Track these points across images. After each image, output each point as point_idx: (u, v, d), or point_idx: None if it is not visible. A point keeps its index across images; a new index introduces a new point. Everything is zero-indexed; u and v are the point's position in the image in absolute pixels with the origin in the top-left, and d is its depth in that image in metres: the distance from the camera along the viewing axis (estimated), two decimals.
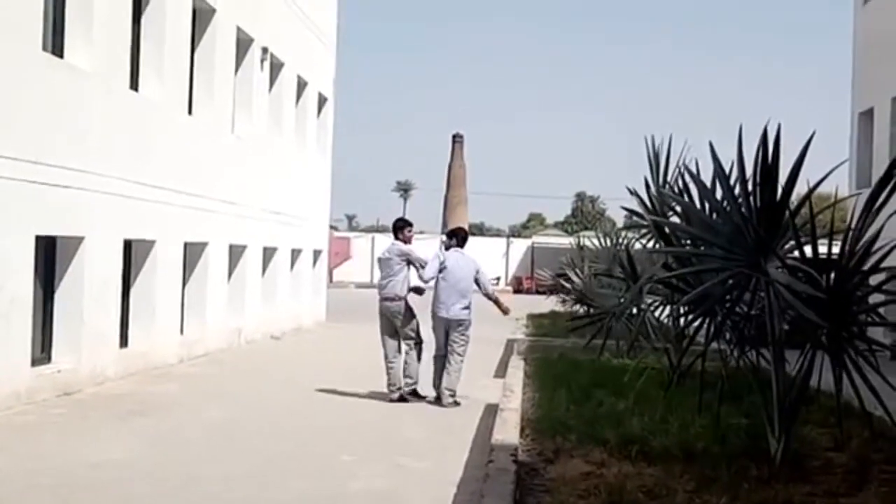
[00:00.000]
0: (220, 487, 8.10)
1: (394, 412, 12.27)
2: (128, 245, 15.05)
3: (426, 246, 60.30)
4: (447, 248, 13.96)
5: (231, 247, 19.44)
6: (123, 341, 15.13)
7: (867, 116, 26.07)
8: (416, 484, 8.45)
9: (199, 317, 17.91)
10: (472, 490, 7.73)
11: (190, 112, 17.60)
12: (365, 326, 26.19)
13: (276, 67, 22.38)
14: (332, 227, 48.58)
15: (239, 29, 19.51)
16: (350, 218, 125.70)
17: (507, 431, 9.14)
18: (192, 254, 17.70)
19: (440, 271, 13.53)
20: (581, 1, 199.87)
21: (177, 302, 16.99)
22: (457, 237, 13.93)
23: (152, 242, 15.63)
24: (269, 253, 22.17)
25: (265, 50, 21.12)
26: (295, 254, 24.57)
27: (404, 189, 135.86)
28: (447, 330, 13.57)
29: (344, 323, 26.48)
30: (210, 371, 15.91)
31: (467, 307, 13.51)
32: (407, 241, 13.86)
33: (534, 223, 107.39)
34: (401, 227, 13.73)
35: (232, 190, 19.28)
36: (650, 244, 12.83)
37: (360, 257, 56.84)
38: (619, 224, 31.86)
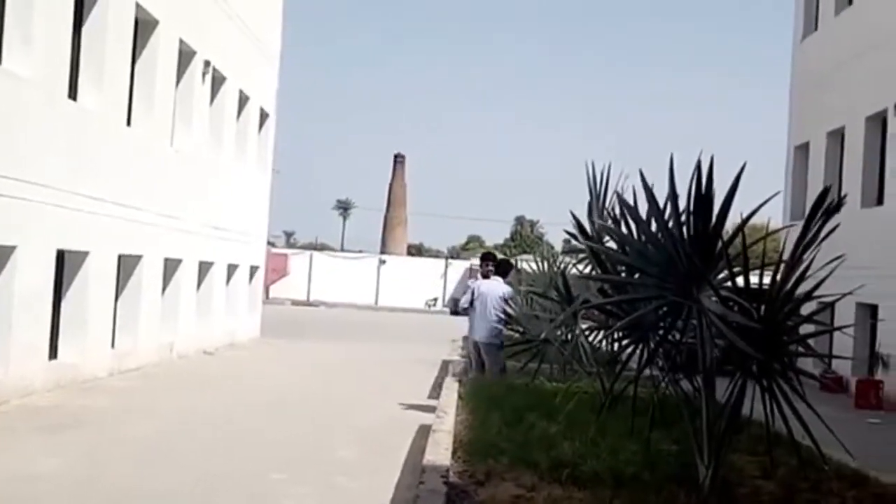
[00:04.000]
0: None
1: (327, 431, 12.20)
2: (60, 256, 14.85)
3: (364, 265, 60.21)
4: (484, 276, 15.73)
5: (166, 260, 19.24)
6: (53, 353, 14.91)
7: (803, 150, 26.56)
8: None
9: (132, 330, 17.70)
10: None
11: (129, 123, 17.44)
12: (300, 343, 26.22)
13: (217, 81, 22.26)
14: (270, 244, 48.26)
15: (181, 41, 19.39)
16: (289, 235, 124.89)
17: (439, 453, 9.12)
18: (127, 266, 17.50)
19: (472, 300, 15.26)
20: (528, 25, 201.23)
21: (109, 314, 16.77)
22: (494, 265, 15.86)
23: (86, 254, 15.43)
24: (204, 267, 21.98)
25: (207, 63, 21.00)
26: (231, 269, 24.40)
27: (344, 207, 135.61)
28: (478, 352, 15.30)
29: (279, 339, 26.34)
30: (141, 385, 15.72)
31: (496, 332, 15.17)
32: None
33: (473, 245, 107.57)
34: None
35: (169, 203, 19.11)
36: (587, 270, 12.89)
37: (297, 274, 56.54)
38: (558, 249, 32.07)
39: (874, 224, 21.39)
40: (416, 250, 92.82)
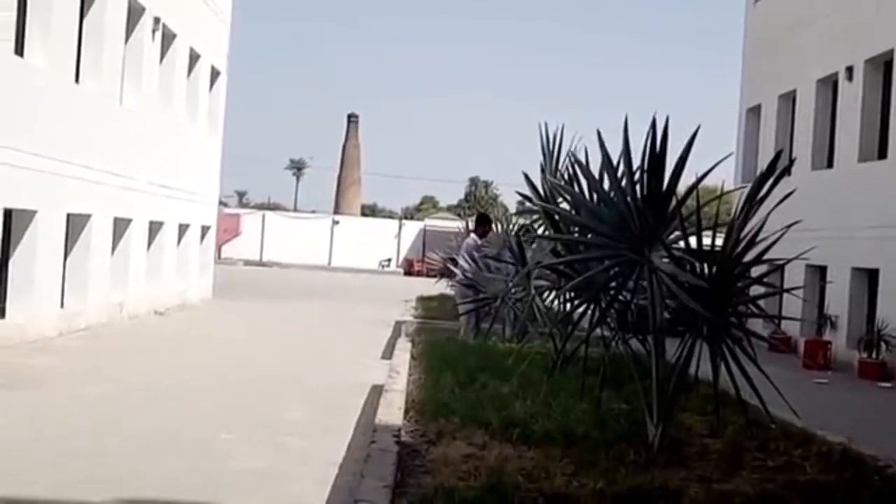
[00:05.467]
0: (93, 465, 7.92)
1: (277, 391, 12.15)
2: (7, 214, 14.61)
3: (317, 225, 60.06)
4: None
5: (116, 219, 19.01)
6: (0, 313, 14.70)
7: (755, 112, 26.74)
8: (297, 464, 8.39)
9: (81, 290, 17.50)
10: (353, 470, 7.71)
11: (77, 80, 17.14)
12: (251, 303, 26.10)
13: (167, 38, 21.91)
14: (222, 204, 47.90)
15: None
16: (241, 194, 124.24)
17: (391, 413, 9.13)
18: (75, 225, 17.26)
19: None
20: None
21: (57, 274, 16.56)
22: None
23: (33, 213, 15.19)
24: (155, 227, 21.74)
25: (157, 20, 20.67)
26: (182, 229, 24.15)
27: (297, 167, 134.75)
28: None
29: (231, 300, 26.20)
30: (90, 345, 15.56)
31: None
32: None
33: (427, 206, 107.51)
34: None
35: (118, 161, 18.85)
36: (541, 230, 12.91)
37: (249, 234, 56.23)
38: (512, 210, 32.04)
39: (824, 187, 21.60)
40: (369, 211, 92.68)
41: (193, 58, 24.28)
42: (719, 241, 8.02)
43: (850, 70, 20.87)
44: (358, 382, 12.84)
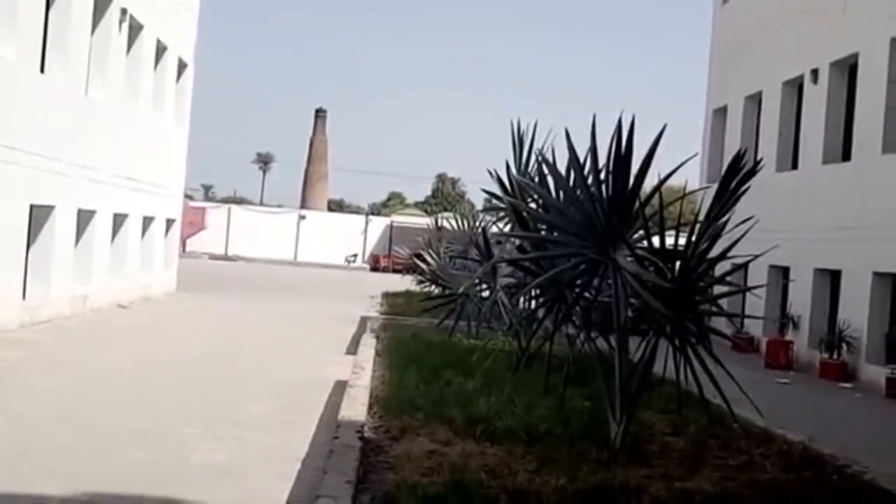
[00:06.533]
0: (55, 460, 7.86)
1: (242, 386, 12.11)
2: None
3: (284, 220, 59.72)
4: None
5: (80, 211, 18.85)
6: None
7: (721, 114, 26.91)
8: (260, 459, 8.38)
9: (44, 282, 17.34)
10: (316, 466, 7.70)
11: (42, 71, 16.99)
12: (216, 298, 25.97)
13: (134, 30, 21.75)
14: (188, 197, 47.60)
15: None
16: (207, 188, 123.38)
17: (355, 408, 9.13)
18: (38, 217, 17.10)
19: None
20: None
21: (20, 265, 16.40)
22: None
23: None
24: (119, 219, 21.58)
25: (124, 11, 20.51)
26: (147, 221, 23.98)
27: (264, 161, 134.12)
28: None
29: (195, 294, 26.06)
30: (52, 338, 15.43)
31: None
32: None
33: (394, 202, 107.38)
34: None
35: (83, 153, 18.70)
36: (507, 228, 12.94)
37: (215, 228, 55.90)
38: (479, 207, 32.11)
39: (789, 188, 21.78)
40: (336, 206, 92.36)
41: (160, 50, 24.11)
42: (684, 241, 8.07)
43: (815, 73, 21.06)
44: (322, 378, 12.82)
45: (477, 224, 17.12)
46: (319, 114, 78.70)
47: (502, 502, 6.14)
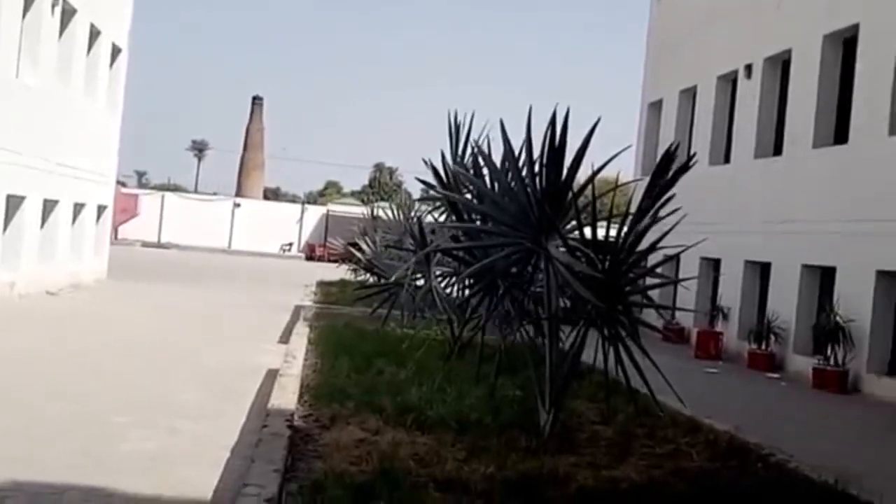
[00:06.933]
0: None
1: (173, 375, 12.00)
2: None
3: (218, 208, 59.18)
4: None
5: (8, 197, 18.52)
6: None
7: (656, 107, 27.16)
8: (190, 447, 8.31)
9: None
10: (246, 455, 7.65)
11: None
12: (148, 286, 25.69)
13: (67, 14, 21.38)
14: (120, 183, 46.99)
15: None
16: (140, 175, 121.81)
17: (285, 397, 9.08)
18: None
19: None
20: None
21: None
22: None
23: None
24: (49, 206, 21.23)
25: None
26: (77, 208, 23.62)
27: (199, 148, 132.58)
28: None
29: (126, 281, 25.75)
30: None
31: None
32: None
33: (331, 191, 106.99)
34: None
35: (13, 137, 18.36)
36: (443, 218, 12.95)
37: (148, 215, 55.25)
38: (417, 197, 32.10)
39: (721, 182, 22.06)
40: (272, 194, 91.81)
41: (94, 34, 23.73)
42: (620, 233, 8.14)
43: (749, 68, 21.33)
44: (254, 366, 12.74)
45: (413, 214, 17.11)
46: (256, 101, 78.12)
47: (430, 490, 6.15)
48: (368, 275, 19.27)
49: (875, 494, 6.75)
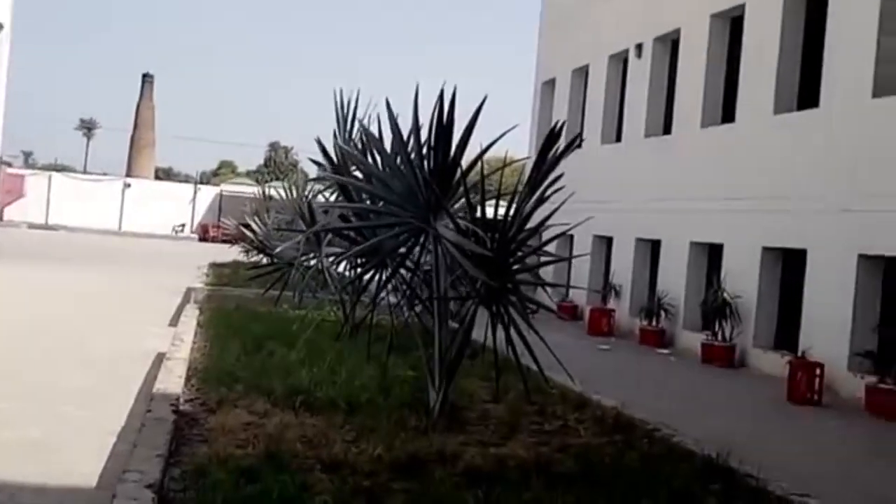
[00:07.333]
0: None
1: (59, 360, 11.71)
2: None
3: (108, 188, 58.05)
4: None
5: None
6: None
7: (549, 86, 27.35)
8: (74, 434, 8.13)
9: None
10: (132, 440, 7.50)
11: None
12: (34, 268, 25.03)
13: None
14: (6, 164, 45.73)
15: None
16: (27, 155, 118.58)
17: (171, 381, 8.92)
18: None
19: None
20: None
21: None
22: None
23: None
24: None
25: None
26: None
27: (88, 128, 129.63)
28: None
29: (11, 264, 25.05)
30: None
31: None
32: None
33: (225, 171, 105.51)
34: None
35: None
36: (334, 198, 12.86)
37: (35, 196, 53.87)
38: (313, 176, 31.86)
39: (613, 160, 22.33)
40: (164, 174, 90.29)
41: None
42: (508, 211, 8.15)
43: (639, 47, 21.59)
44: (143, 350, 12.50)
45: (307, 193, 16.98)
46: (146, 79, 76.71)
47: (316, 472, 6.10)
48: (261, 255, 19.08)
49: (755, 466, 6.90)
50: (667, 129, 20.53)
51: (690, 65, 19.35)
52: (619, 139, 22.88)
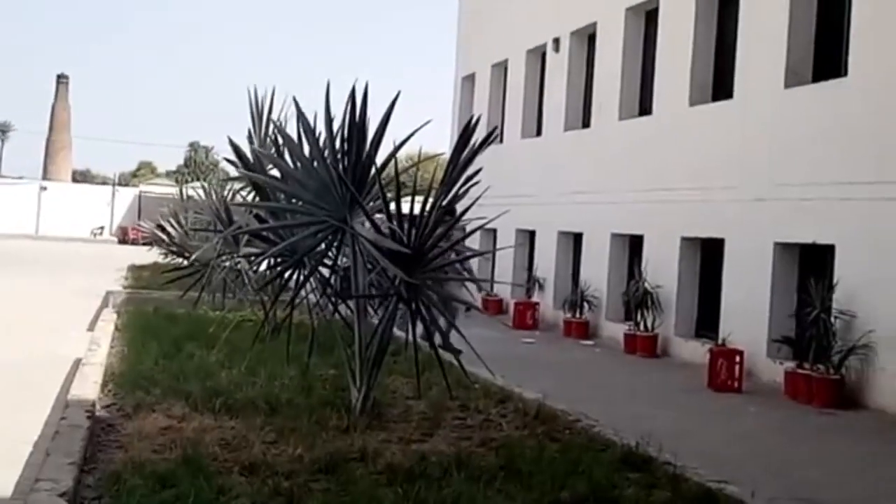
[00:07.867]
0: None
1: None
2: None
3: (23, 191, 56.86)
4: None
5: None
6: None
7: (469, 81, 27.37)
8: None
9: None
10: (48, 448, 7.35)
11: None
12: None
13: None
14: None
15: None
16: None
17: (87, 387, 8.77)
18: None
19: None
20: None
21: None
22: None
23: None
24: None
25: None
26: None
27: (2, 130, 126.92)
28: None
29: None
30: None
31: None
32: None
33: (144, 171, 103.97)
34: None
35: None
36: (250, 197, 12.73)
37: None
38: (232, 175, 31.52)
39: (534, 154, 22.43)
40: (81, 176, 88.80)
41: None
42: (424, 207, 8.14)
43: (557, 42, 21.69)
44: (60, 356, 12.25)
45: (226, 193, 16.79)
46: (61, 80, 75.41)
47: (235, 475, 6.04)
48: (180, 257, 18.84)
49: (674, 454, 6.97)
50: (586, 123, 20.66)
51: (607, 58, 19.49)
52: (539, 133, 22.96)
